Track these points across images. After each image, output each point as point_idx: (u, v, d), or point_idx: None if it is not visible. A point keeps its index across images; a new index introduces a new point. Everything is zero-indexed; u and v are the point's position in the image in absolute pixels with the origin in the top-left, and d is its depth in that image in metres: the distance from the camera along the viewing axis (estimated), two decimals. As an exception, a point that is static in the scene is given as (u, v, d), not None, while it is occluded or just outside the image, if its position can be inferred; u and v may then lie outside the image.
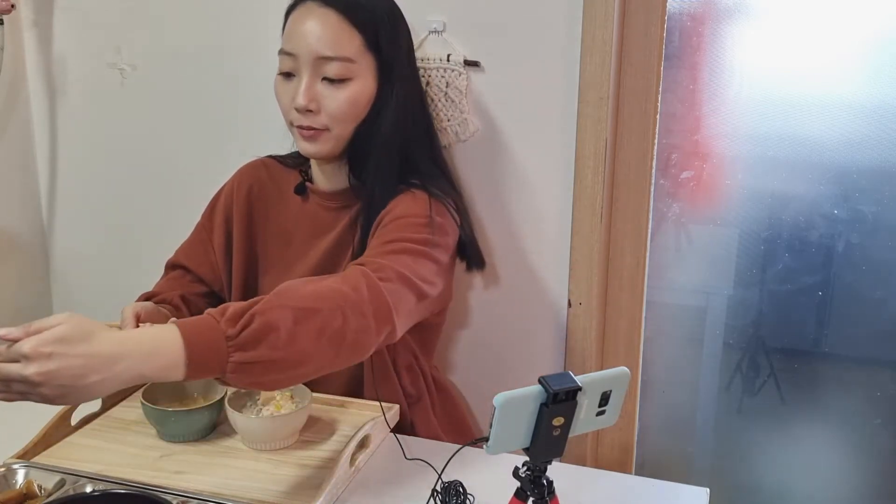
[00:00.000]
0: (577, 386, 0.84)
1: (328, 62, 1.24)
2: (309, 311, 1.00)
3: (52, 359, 0.83)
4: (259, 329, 0.94)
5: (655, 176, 1.56)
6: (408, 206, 1.26)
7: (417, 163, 1.34)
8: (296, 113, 1.26)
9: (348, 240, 1.34)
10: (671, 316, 1.72)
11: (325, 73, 1.24)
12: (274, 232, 1.41)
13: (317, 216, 1.38)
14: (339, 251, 1.35)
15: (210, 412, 1.20)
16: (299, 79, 1.25)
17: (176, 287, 1.40)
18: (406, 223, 1.23)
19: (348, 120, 1.27)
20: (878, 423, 1.66)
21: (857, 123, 1.50)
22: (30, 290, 1.92)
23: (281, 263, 1.40)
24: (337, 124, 1.27)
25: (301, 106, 1.24)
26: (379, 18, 1.27)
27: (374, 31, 1.26)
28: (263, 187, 1.43)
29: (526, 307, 1.60)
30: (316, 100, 1.25)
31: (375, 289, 1.08)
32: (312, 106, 1.25)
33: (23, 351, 0.83)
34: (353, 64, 1.25)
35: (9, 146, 1.82)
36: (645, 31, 1.49)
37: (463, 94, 1.51)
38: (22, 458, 1.11)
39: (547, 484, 0.90)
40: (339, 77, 1.24)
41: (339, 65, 1.24)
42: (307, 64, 1.24)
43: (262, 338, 0.94)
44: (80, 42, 1.78)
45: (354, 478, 1.13)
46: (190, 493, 1.06)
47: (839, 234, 1.58)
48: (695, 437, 1.79)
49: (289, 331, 0.96)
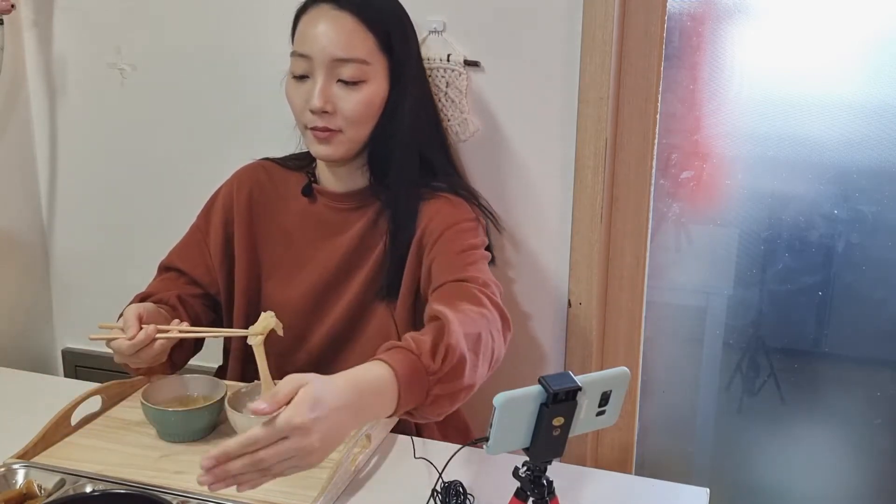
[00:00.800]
0: (577, 386, 0.84)
1: (343, 64, 1.25)
2: (476, 337, 1.05)
3: (320, 422, 0.85)
4: (457, 362, 0.99)
5: (655, 176, 1.56)
6: (452, 213, 1.30)
7: (433, 161, 1.37)
8: (310, 115, 1.27)
9: (371, 241, 1.34)
10: (671, 316, 1.72)
11: (340, 76, 1.25)
12: (276, 234, 1.41)
13: (326, 217, 1.38)
14: (361, 252, 1.35)
15: (210, 412, 1.20)
16: (314, 81, 1.26)
17: (171, 288, 1.38)
18: (462, 230, 1.29)
19: (362, 122, 1.28)
20: (878, 423, 1.66)
21: (857, 123, 1.50)
22: (30, 290, 1.92)
23: (284, 266, 1.40)
24: (351, 126, 1.27)
25: (317, 108, 1.25)
26: (390, 20, 1.29)
27: (386, 32, 1.27)
28: (263, 190, 1.43)
29: (526, 307, 1.60)
30: (331, 101, 1.26)
31: (498, 306, 1.17)
32: (328, 107, 1.25)
33: (294, 423, 0.83)
34: (368, 66, 1.26)
35: (9, 146, 1.82)
36: (645, 31, 1.49)
37: (463, 94, 1.51)
38: (22, 458, 1.11)
39: (547, 484, 0.90)
40: (353, 79, 1.25)
41: (354, 67, 1.25)
42: (322, 66, 1.25)
43: (460, 370, 1.00)
44: (80, 42, 1.78)
45: (354, 478, 1.13)
46: (190, 493, 1.05)
47: (839, 234, 1.58)
48: (695, 437, 1.79)
49: (471, 360, 1.02)
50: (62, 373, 1.98)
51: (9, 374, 1.47)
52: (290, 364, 1.38)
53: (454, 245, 1.26)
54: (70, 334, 1.97)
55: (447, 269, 1.23)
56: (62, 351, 1.98)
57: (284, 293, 1.39)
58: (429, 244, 1.29)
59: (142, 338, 1.15)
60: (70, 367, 1.96)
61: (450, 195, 1.34)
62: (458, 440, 1.29)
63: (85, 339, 1.95)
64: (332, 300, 1.37)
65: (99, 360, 1.91)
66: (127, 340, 1.14)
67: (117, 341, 1.15)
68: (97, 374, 1.89)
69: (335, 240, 1.37)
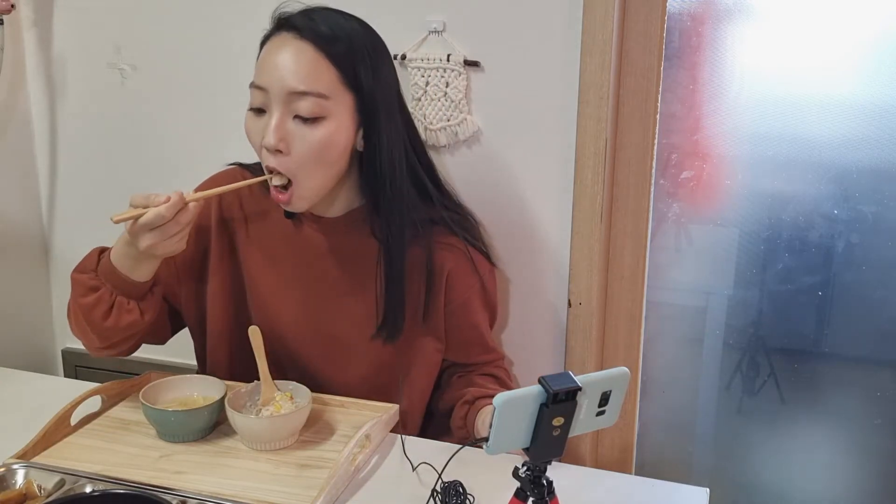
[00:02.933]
0: (577, 386, 0.84)
1: (300, 98, 1.15)
2: None
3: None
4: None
5: (655, 176, 1.56)
6: (469, 273, 1.34)
7: (426, 186, 1.32)
8: (266, 152, 1.18)
9: (359, 269, 1.30)
10: (671, 316, 1.72)
11: (297, 111, 1.16)
12: (257, 252, 1.33)
13: (311, 239, 1.32)
14: (349, 279, 1.31)
15: (210, 412, 1.20)
16: (269, 115, 1.17)
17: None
18: (470, 303, 1.36)
19: (316, 165, 1.18)
20: (878, 423, 1.66)
21: (856, 123, 1.50)
22: (30, 290, 1.92)
23: (268, 286, 1.33)
24: (302, 171, 1.18)
25: (270, 145, 1.16)
26: (358, 53, 1.18)
27: (351, 66, 1.18)
28: (244, 202, 1.34)
29: (526, 307, 1.60)
30: (286, 140, 1.16)
31: (506, 371, 1.42)
32: (282, 146, 1.16)
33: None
34: (327, 101, 1.16)
35: (9, 146, 1.82)
36: (645, 31, 1.49)
37: (463, 94, 1.51)
38: (22, 458, 1.11)
39: (547, 484, 0.90)
40: (311, 115, 1.16)
41: (312, 101, 1.15)
42: (278, 99, 1.16)
43: None
44: (80, 42, 1.78)
45: (354, 478, 1.13)
46: (190, 493, 1.05)
47: (839, 234, 1.58)
48: (695, 437, 1.79)
49: None
50: (62, 373, 1.98)
51: (9, 374, 1.47)
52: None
53: (476, 317, 1.37)
54: (70, 334, 1.97)
55: (475, 347, 1.38)
56: (62, 351, 1.98)
57: (266, 312, 1.33)
58: (452, 302, 1.34)
59: (175, 199, 1.12)
60: (70, 367, 1.96)
61: (453, 241, 1.33)
62: (458, 440, 1.29)
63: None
64: (320, 320, 1.32)
65: (99, 360, 1.91)
66: (160, 205, 1.12)
67: (150, 213, 1.12)
68: (97, 374, 1.89)
69: (319, 261, 1.31)
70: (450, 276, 1.32)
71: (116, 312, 1.21)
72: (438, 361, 1.38)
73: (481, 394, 1.28)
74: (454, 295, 1.33)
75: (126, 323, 1.22)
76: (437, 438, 1.26)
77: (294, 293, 1.32)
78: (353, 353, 1.33)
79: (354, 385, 1.32)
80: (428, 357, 1.36)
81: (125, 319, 1.22)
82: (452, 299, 1.33)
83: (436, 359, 1.37)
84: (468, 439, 1.24)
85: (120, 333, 1.24)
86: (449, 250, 1.32)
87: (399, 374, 1.33)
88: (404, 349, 1.33)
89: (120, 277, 1.20)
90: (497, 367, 1.41)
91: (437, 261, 1.31)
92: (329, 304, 1.32)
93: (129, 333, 1.25)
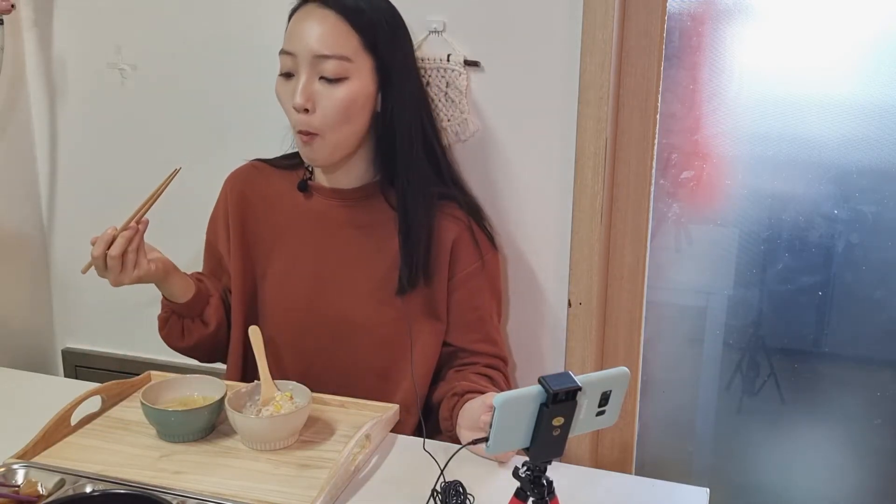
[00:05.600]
0: (577, 386, 0.84)
1: (325, 60, 1.26)
2: None
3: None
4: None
5: (655, 176, 1.56)
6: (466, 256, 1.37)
7: (439, 162, 1.39)
8: (295, 115, 1.28)
9: (373, 238, 1.37)
10: (671, 316, 1.72)
11: (323, 72, 1.26)
12: (268, 232, 1.42)
13: (320, 213, 1.39)
14: (362, 248, 1.37)
15: (210, 412, 1.20)
16: (297, 78, 1.28)
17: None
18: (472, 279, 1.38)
19: (341, 121, 1.28)
20: (878, 423, 1.66)
21: (856, 123, 1.50)
22: (30, 290, 1.92)
23: (280, 261, 1.41)
24: (329, 129, 1.28)
25: (298, 104, 1.26)
26: (377, 21, 1.29)
27: (371, 32, 1.28)
28: (255, 188, 1.44)
29: (526, 307, 1.60)
30: (312, 99, 1.27)
31: (506, 377, 1.43)
32: (309, 105, 1.27)
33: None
34: (350, 63, 1.27)
35: (9, 146, 1.82)
36: (645, 31, 1.49)
37: (463, 94, 1.51)
38: (22, 458, 1.11)
39: (547, 484, 0.90)
40: (335, 76, 1.26)
41: (336, 63, 1.26)
42: (305, 62, 1.26)
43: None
44: (80, 42, 1.79)
45: (354, 478, 1.13)
46: (190, 493, 1.05)
47: (839, 234, 1.58)
48: (695, 437, 1.79)
49: None
50: (62, 373, 1.98)
51: (9, 374, 1.47)
52: (288, 360, 1.39)
53: (478, 299, 1.39)
54: (70, 334, 1.97)
55: (474, 332, 1.39)
56: (62, 351, 1.98)
57: (280, 291, 1.40)
58: (455, 275, 1.37)
59: (102, 237, 1.22)
60: (70, 367, 1.97)
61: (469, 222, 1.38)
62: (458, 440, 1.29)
63: (85, 339, 1.96)
64: (330, 295, 1.37)
65: (99, 360, 1.91)
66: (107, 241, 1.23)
67: (90, 259, 1.23)
68: (97, 374, 1.89)
69: (331, 235, 1.38)
70: (454, 246, 1.37)
71: (188, 334, 1.40)
72: (438, 344, 1.39)
73: (472, 388, 1.29)
74: (457, 268, 1.37)
75: (198, 338, 1.41)
76: (433, 436, 1.26)
77: (307, 268, 1.39)
78: (360, 328, 1.36)
79: (360, 365, 1.37)
80: (426, 337, 1.37)
81: (196, 335, 1.40)
82: (455, 272, 1.37)
83: (435, 340, 1.38)
84: (451, 432, 1.28)
85: (202, 347, 1.43)
86: (455, 223, 1.38)
87: (408, 346, 1.36)
88: (407, 327, 1.36)
89: (171, 304, 1.38)
90: (495, 369, 1.41)
91: (444, 230, 1.36)
92: (339, 278, 1.37)
93: (210, 345, 1.43)
